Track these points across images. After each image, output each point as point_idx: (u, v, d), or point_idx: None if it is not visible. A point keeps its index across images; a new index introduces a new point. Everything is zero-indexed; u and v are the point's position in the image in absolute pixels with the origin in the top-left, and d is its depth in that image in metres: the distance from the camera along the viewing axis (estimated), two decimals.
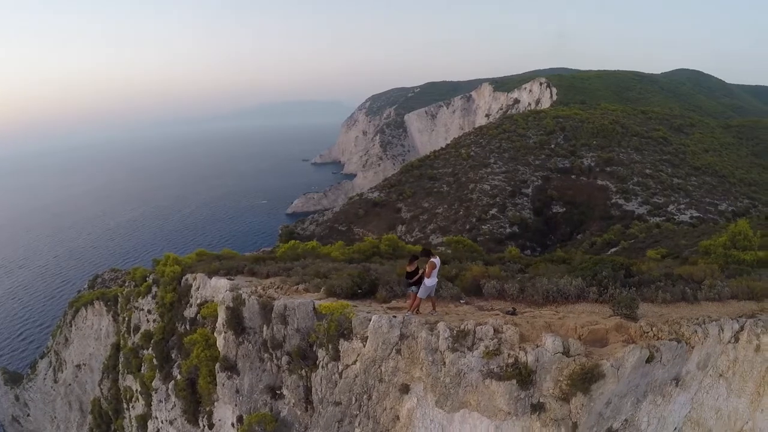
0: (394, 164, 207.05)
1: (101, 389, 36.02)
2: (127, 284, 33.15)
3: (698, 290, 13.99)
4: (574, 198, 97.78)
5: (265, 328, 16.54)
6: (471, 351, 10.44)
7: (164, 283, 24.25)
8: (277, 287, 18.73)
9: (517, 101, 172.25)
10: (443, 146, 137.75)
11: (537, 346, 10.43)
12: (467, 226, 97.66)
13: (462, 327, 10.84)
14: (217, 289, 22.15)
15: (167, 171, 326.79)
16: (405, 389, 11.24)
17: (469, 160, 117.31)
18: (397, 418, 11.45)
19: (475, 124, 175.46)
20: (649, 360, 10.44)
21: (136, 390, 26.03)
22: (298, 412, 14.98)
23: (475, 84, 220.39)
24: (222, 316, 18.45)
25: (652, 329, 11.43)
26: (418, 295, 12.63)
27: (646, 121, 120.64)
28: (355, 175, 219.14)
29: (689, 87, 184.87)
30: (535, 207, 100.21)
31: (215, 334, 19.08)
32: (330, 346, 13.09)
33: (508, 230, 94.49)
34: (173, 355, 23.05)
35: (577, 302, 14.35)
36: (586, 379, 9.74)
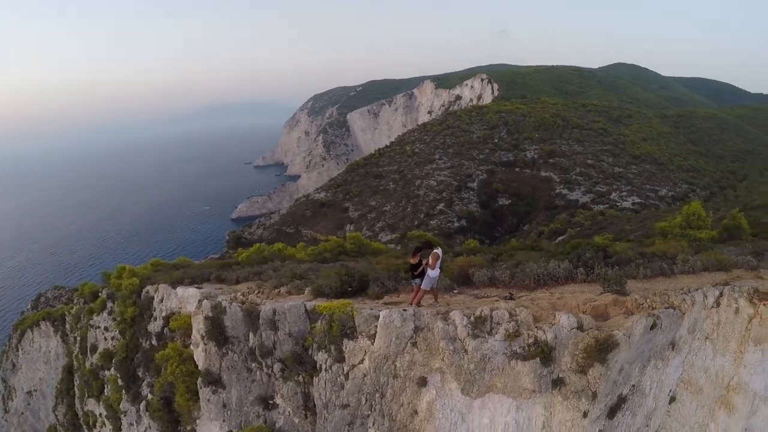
0: (338, 164, 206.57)
1: (56, 415, 32.82)
2: (75, 301, 30.34)
3: (673, 265, 14.86)
4: (519, 190, 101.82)
5: (251, 335, 15.66)
6: (492, 335, 10.48)
7: (122, 297, 22.34)
8: (257, 292, 17.82)
9: (458, 97, 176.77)
10: (387, 144, 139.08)
11: (552, 324, 10.69)
12: (415, 222, 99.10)
13: (478, 313, 10.80)
14: (185, 299, 20.75)
15: (101, 181, 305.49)
16: (423, 382, 11.01)
17: (414, 156, 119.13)
18: (416, 412, 11.19)
19: (418, 122, 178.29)
20: (652, 327, 10.99)
21: (101, 414, 23.81)
22: (297, 420, 14.31)
23: (417, 81, 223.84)
24: (199, 328, 17.27)
25: (646, 300, 11.94)
26: (422, 286, 12.45)
27: (586, 114, 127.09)
28: (299, 177, 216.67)
29: (626, 80, 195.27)
30: (482, 200, 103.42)
31: (192, 347, 17.82)
32: (333, 348, 12.57)
33: (456, 224, 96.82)
34: (140, 374, 21.30)
35: (566, 284, 14.74)
36: (602, 350, 10.17)
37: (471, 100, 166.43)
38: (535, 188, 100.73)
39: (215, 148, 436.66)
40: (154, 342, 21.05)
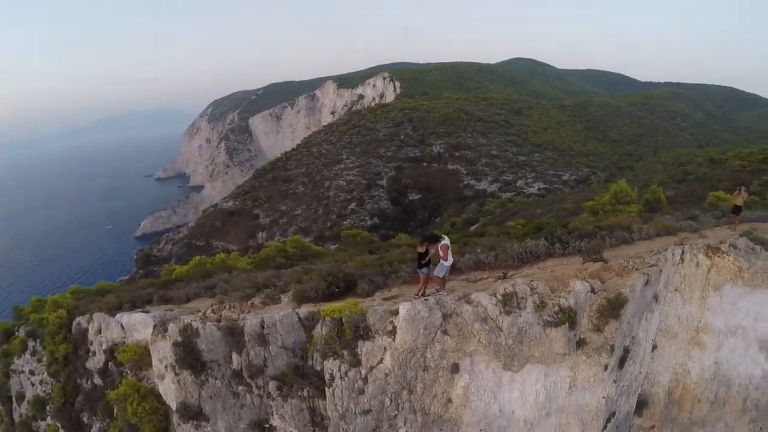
0: (242, 171, 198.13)
1: None
2: None
3: (632, 233, 16.49)
4: (429, 184, 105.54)
5: (234, 356, 14.15)
6: (523, 309, 10.79)
7: (49, 333, 18.79)
8: (228, 307, 16.19)
9: (361, 97, 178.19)
10: (293, 147, 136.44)
11: (570, 292, 11.33)
12: (328, 224, 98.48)
13: (504, 291, 11.01)
14: (131, 326, 18.18)
15: None
16: (455, 369, 10.86)
17: (322, 158, 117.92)
18: (450, 400, 11.00)
19: (321, 123, 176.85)
20: (646, 283, 12.17)
21: None
22: None
23: (319, 82, 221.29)
24: (164, 357, 15.27)
25: (629, 263, 13.09)
26: (435, 273, 12.31)
27: (488, 107, 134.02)
28: (202, 187, 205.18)
29: (524, 74, 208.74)
30: (392, 197, 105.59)
31: (156, 379, 15.70)
32: (346, 353, 11.82)
33: (369, 222, 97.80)
34: (85, 419, 18.13)
35: (547, 259, 15.59)
36: (615, 307, 11.26)
37: (374, 99, 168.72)
38: (444, 181, 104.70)
39: (113, 163, 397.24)
40: (97, 381, 18.08)
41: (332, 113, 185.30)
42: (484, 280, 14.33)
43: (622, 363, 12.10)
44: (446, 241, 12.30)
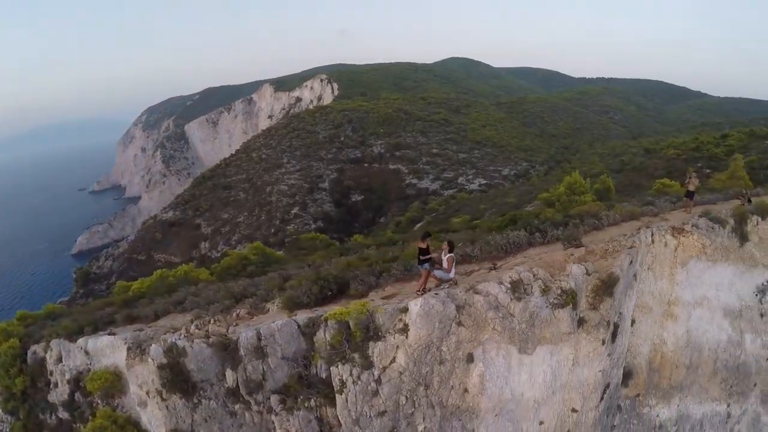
0: (179, 179, 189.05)
1: None
2: None
3: (601, 220, 17.67)
4: (371, 184, 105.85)
5: (229, 373, 13.35)
6: (531, 294, 11.28)
7: (2, 365, 16.64)
8: (213, 321, 15.30)
9: (299, 99, 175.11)
10: (233, 153, 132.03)
11: (568, 275, 11.97)
12: (272, 230, 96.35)
13: (511, 279, 11.41)
14: (98, 351, 16.66)
15: None
16: (470, 358, 11.09)
17: (262, 162, 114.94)
18: (466, 390, 11.19)
19: (259, 127, 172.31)
20: (630, 263, 13.13)
21: None
22: None
23: (256, 86, 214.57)
24: (146, 382, 14.14)
25: (609, 246, 14.06)
26: (439, 277, 12.47)
27: (427, 107, 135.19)
28: (139, 198, 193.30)
29: (461, 73, 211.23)
30: (335, 199, 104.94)
31: (138, 407, 14.52)
32: (357, 356, 11.62)
33: (313, 226, 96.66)
34: None
35: (528, 248, 16.33)
36: (609, 286, 12.19)
37: (311, 101, 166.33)
38: (386, 181, 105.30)
39: (44, 177, 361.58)
40: (63, 415, 16.32)
41: (270, 117, 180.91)
42: (476, 272, 14.67)
43: (614, 337, 12.94)
44: (452, 254, 12.52)
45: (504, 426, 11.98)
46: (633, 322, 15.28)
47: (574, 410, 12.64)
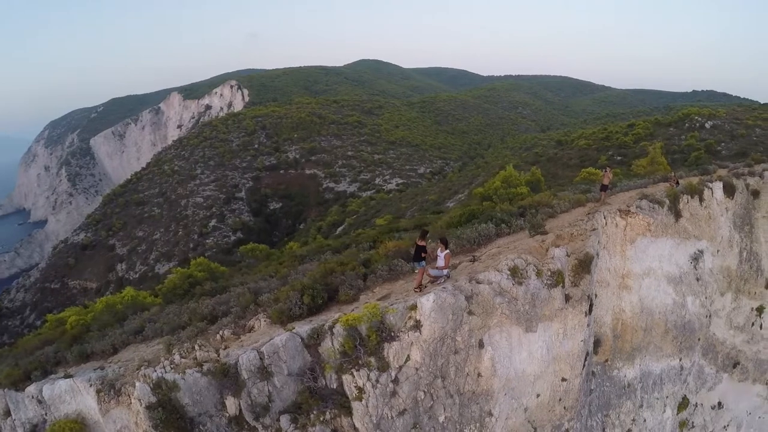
0: (87, 198, 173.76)
1: None
2: None
3: (554, 208, 19.40)
4: (288, 191, 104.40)
5: (230, 400, 12.60)
6: (529, 278, 12.29)
7: None
8: (199, 347, 14.32)
9: (209, 107, 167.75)
10: (143, 166, 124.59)
11: (553, 258, 13.18)
12: (191, 245, 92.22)
13: (510, 266, 12.30)
14: (56, 398, 14.72)
15: None
16: (481, 344, 11.78)
17: (175, 175, 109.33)
18: (479, 375, 11.82)
19: (167, 138, 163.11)
20: (598, 242, 14.71)
21: None
22: None
23: (164, 95, 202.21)
24: (130, 426, 12.94)
25: (573, 230, 15.65)
26: (434, 275, 12.99)
27: (340, 109, 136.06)
28: (46, 221, 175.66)
29: (371, 75, 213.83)
30: (253, 208, 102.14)
31: None
32: (373, 359, 11.72)
33: (233, 237, 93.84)
34: None
35: (497, 239, 17.51)
36: (585, 264, 13.75)
37: (221, 108, 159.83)
38: (303, 187, 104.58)
39: None
40: None
41: (179, 127, 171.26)
42: (461, 263, 15.44)
43: (590, 309, 14.43)
44: (448, 251, 13.10)
45: (510, 403, 12.84)
46: (596, 296, 17.08)
47: (563, 379, 13.86)
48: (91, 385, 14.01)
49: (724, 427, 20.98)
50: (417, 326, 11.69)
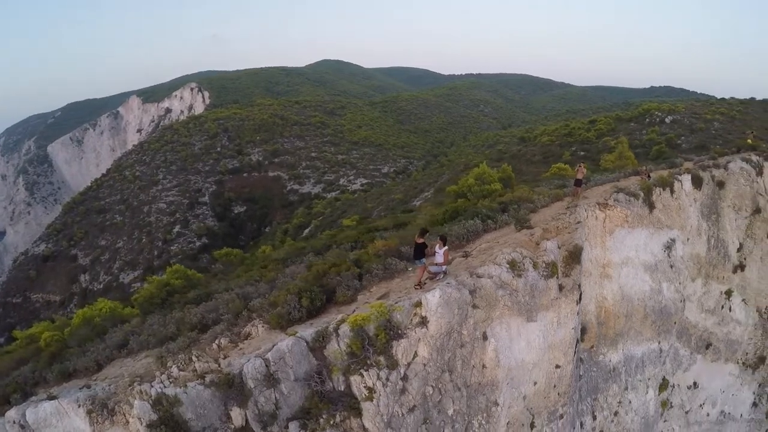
0: (46, 208, 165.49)
1: None
2: None
3: (534, 203, 20.17)
4: (252, 194, 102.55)
5: (235, 411, 12.39)
6: (527, 270, 12.85)
7: None
8: (199, 356, 14.02)
9: (169, 110, 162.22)
10: (103, 173, 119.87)
11: (545, 251, 13.78)
12: (155, 252, 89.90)
13: (508, 259, 12.79)
14: (42, 422, 13.87)
15: None
16: (485, 336, 12.18)
17: (137, 181, 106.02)
18: (484, 366, 12.22)
19: (128, 143, 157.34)
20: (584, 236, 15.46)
21: None
22: None
23: (122, 98, 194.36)
24: None
25: (559, 224, 16.37)
26: (433, 271, 13.24)
27: (302, 110, 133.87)
28: (4, 233, 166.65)
29: (333, 75, 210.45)
30: (217, 213, 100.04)
31: None
32: (383, 358, 11.87)
33: (198, 243, 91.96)
34: None
35: (484, 234, 18.05)
36: (576, 254, 14.54)
37: (182, 111, 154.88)
38: (267, 189, 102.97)
39: None
40: None
41: (139, 131, 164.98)
42: (453, 260, 15.84)
43: (580, 298, 15.17)
44: (446, 247, 13.41)
45: (511, 392, 13.34)
46: (579, 285, 17.91)
47: (557, 366, 14.51)
48: (79, 406, 13.35)
49: (701, 405, 22.48)
50: (423, 322, 11.93)
